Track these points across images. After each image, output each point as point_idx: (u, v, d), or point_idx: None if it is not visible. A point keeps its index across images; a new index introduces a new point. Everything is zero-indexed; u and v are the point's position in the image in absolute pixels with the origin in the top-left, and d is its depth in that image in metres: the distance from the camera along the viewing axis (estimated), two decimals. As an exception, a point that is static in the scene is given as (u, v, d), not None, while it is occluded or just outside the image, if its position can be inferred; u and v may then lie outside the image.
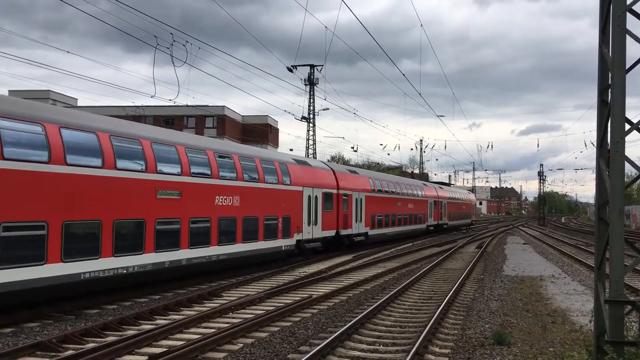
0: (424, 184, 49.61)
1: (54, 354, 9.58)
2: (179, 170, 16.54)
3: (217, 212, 18.00)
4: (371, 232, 32.86)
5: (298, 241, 23.55)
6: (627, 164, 6.98)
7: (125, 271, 14.30)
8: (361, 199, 31.20)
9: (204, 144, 18.71)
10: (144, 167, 15.11)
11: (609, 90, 7.15)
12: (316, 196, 25.27)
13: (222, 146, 20.27)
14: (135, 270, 14.62)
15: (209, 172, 17.90)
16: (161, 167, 15.75)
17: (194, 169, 17.15)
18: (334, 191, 27.42)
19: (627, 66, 6.98)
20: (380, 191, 35.00)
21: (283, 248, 22.39)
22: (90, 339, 10.70)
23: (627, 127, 6.95)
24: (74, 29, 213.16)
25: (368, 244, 32.39)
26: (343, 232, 28.33)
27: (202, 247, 17.27)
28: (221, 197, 18.24)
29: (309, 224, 24.50)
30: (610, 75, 7.07)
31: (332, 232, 27.15)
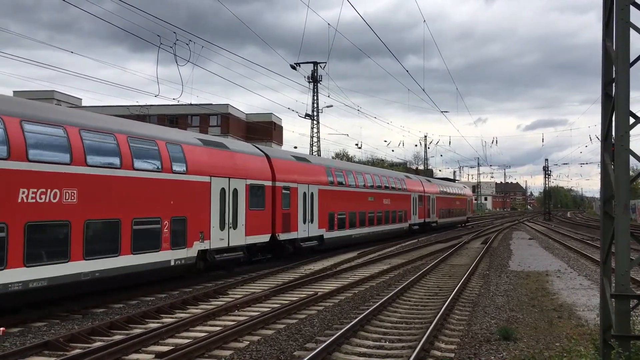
0: (407, 176, 42.74)
1: (61, 353, 9.62)
2: None
3: (20, 214, 11.55)
4: (328, 235, 26.18)
5: (201, 251, 17.09)
6: (632, 158, 6.96)
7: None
8: (312, 194, 24.70)
9: None
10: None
11: (613, 84, 7.13)
12: (235, 189, 18.89)
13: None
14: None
15: None
16: None
17: None
18: (268, 183, 21.12)
19: (631, 60, 6.95)
20: (342, 184, 28.36)
21: (172, 263, 15.80)
22: (97, 337, 10.75)
23: (632, 120, 6.93)
24: (80, 29, 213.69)
25: (323, 249, 26.07)
26: (283, 236, 21.98)
27: None
28: (33, 190, 11.81)
29: (222, 227, 18.04)
30: (614, 69, 7.03)
31: (264, 237, 20.69)
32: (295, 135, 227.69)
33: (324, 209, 25.71)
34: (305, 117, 47.70)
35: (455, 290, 15.00)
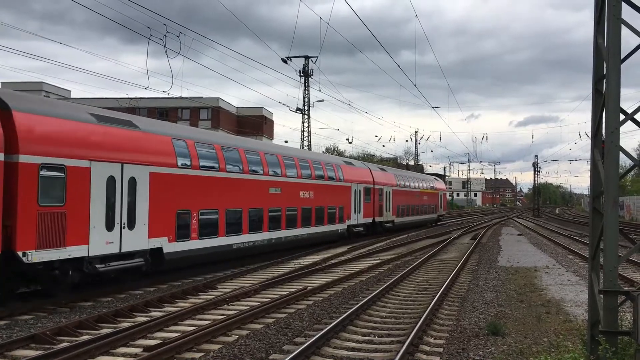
0: (347, 163, 32.71)
1: (48, 346, 9.55)
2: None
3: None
4: (171, 248, 16.41)
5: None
6: (621, 155, 6.98)
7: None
8: (134, 180, 15.78)
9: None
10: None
11: (604, 80, 7.14)
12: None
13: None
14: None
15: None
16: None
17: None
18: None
19: (622, 56, 6.96)
20: (211, 168, 18.71)
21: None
22: (84, 331, 10.67)
23: (622, 117, 6.95)
24: (72, 20, 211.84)
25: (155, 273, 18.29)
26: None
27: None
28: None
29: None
30: (605, 66, 7.05)
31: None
32: (286, 130, 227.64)
33: (163, 206, 15.95)
34: (296, 112, 47.62)
35: (445, 285, 15.04)
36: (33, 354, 8.86)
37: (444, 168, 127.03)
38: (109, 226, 14.02)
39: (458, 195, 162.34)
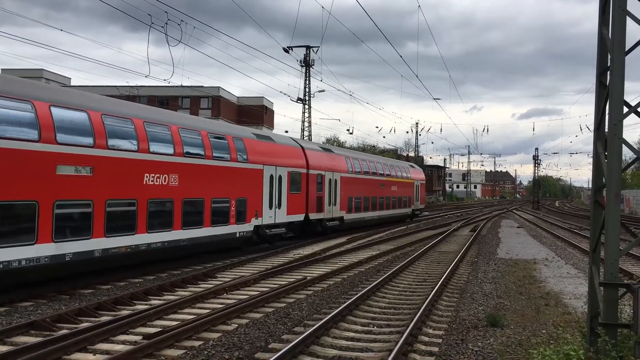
0: (259, 135, 22.58)
1: (47, 333, 9.56)
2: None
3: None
4: None
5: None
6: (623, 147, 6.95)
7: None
8: None
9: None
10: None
11: (608, 72, 7.10)
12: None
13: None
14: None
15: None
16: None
17: None
18: None
19: (627, 48, 6.91)
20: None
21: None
22: (84, 318, 10.69)
23: (625, 110, 6.91)
24: (76, 6, 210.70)
25: None
26: None
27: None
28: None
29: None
30: (609, 58, 7.01)
31: None
32: (287, 120, 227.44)
33: None
34: (297, 101, 47.50)
35: (444, 276, 15.06)
36: (32, 341, 8.89)
37: (444, 160, 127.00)
38: None
39: (458, 187, 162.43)
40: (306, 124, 50.28)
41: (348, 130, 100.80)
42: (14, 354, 8.04)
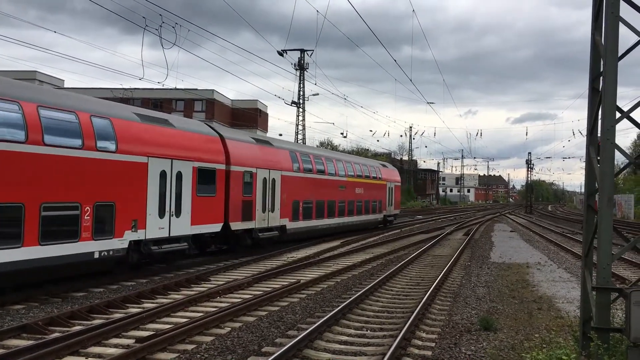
0: (143, 116, 16.14)
1: (39, 336, 9.50)
2: None
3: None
4: None
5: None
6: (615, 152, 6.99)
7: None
8: None
9: None
10: None
11: (601, 78, 7.15)
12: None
13: None
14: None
15: None
16: None
17: None
18: None
19: (619, 54, 6.97)
20: None
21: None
22: (76, 321, 10.63)
23: (618, 115, 6.96)
24: (72, 8, 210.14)
25: None
26: None
27: None
28: None
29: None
30: (602, 63, 7.06)
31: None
32: (282, 123, 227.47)
33: None
34: (291, 105, 47.54)
35: (437, 280, 15.08)
36: (24, 344, 8.83)
37: (438, 164, 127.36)
38: None
39: (451, 191, 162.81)
40: (300, 128, 50.31)
41: (342, 134, 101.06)
42: (6, 357, 7.98)
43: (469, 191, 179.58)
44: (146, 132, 15.71)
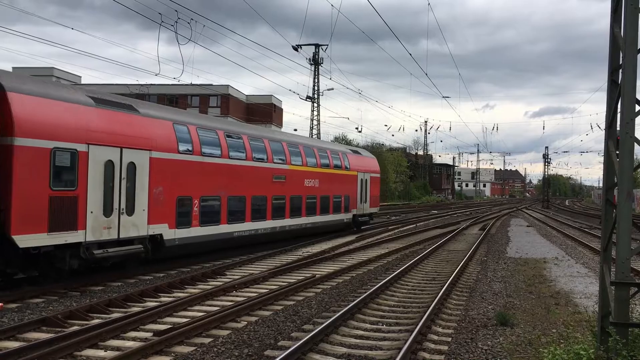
0: None
1: (59, 329, 9.64)
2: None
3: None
4: None
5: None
6: (635, 146, 6.91)
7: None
8: None
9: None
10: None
11: (620, 70, 7.06)
12: None
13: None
14: None
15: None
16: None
17: None
18: None
19: (639, 46, 6.87)
20: None
21: None
22: (95, 315, 10.76)
23: (638, 108, 6.87)
24: (90, 4, 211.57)
25: None
26: None
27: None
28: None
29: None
30: (621, 56, 6.97)
31: None
32: (297, 118, 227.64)
33: None
34: (306, 100, 47.55)
35: (453, 275, 15.03)
36: (44, 337, 8.96)
37: (453, 158, 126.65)
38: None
39: (467, 185, 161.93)
40: (315, 122, 50.32)
41: (357, 128, 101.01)
42: (26, 350, 8.11)
43: (484, 186, 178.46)
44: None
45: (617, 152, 7.02)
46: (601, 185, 8.48)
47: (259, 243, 21.22)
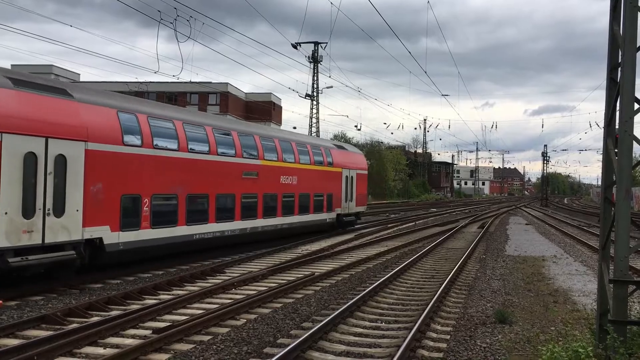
0: None
1: (58, 327, 9.65)
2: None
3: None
4: None
5: None
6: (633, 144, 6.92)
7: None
8: None
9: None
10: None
11: (619, 69, 7.07)
12: None
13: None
14: None
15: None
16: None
17: None
18: None
19: (638, 44, 6.88)
20: None
21: None
22: (94, 312, 10.77)
23: (637, 106, 6.89)
24: (90, 2, 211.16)
25: None
26: None
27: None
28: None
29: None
30: (620, 54, 6.98)
31: None
32: (296, 116, 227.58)
33: None
34: (305, 97, 47.54)
35: (452, 273, 15.05)
36: (44, 334, 8.97)
37: (452, 156, 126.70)
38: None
39: (466, 184, 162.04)
40: (314, 120, 50.31)
41: (356, 126, 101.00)
42: (26, 348, 8.12)
43: (483, 184, 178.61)
44: None
45: (616, 150, 7.03)
46: (600, 183, 8.50)
47: (225, 245, 19.16)
